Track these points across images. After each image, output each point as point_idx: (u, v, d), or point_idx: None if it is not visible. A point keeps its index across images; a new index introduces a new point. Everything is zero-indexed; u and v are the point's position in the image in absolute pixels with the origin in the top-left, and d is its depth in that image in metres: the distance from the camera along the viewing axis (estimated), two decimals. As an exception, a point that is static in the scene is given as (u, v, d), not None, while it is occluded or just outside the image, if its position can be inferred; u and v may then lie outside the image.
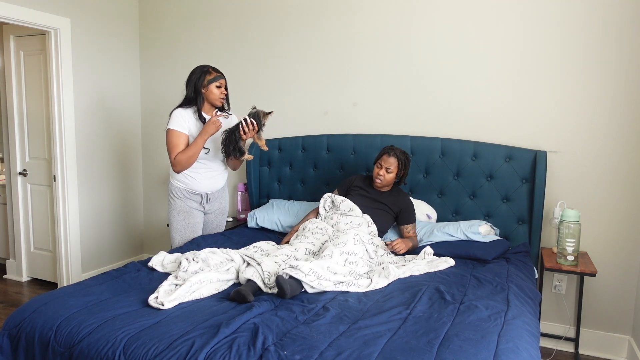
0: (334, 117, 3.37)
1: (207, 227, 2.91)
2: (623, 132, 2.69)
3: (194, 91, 2.60)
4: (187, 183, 2.69)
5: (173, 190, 2.72)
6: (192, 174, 2.68)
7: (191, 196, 2.72)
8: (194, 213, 2.75)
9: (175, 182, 2.72)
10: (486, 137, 2.96)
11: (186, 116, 2.60)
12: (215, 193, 2.83)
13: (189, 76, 2.64)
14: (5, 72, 3.78)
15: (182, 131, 2.57)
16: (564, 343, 2.87)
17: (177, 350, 1.48)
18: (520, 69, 2.86)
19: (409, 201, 2.78)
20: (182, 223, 2.73)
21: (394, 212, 2.75)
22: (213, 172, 2.75)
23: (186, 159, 2.55)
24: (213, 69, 2.64)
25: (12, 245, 3.99)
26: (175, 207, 2.72)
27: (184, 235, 2.75)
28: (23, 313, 1.76)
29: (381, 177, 2.71)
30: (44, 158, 3.71)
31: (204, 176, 2.71)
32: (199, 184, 2.70)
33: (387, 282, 2.12)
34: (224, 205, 2.94)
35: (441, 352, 1.47)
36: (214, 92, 2.62)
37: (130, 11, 3.94)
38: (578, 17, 2.71)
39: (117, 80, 3.86)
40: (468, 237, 2.66)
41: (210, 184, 2.75)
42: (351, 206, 2.70)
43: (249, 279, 2.01)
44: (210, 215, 2.87)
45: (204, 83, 2.60)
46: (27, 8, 3.14)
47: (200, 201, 2.76)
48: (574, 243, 2.50)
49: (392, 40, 3.15)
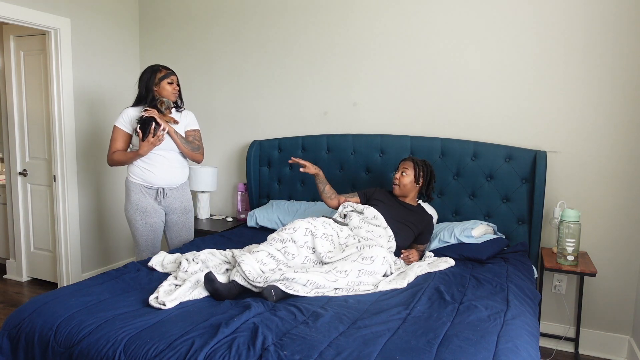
0: (334, 117, 3.37)
1: (173, 228, 2.85)
2: (623, 132, 2.69)
3: (145, 89, 2.68)
4: (142, 176, 2.68)
5: (129, 186, 2.71)
6: (148, 166, 2.67)
7: (147, 191, 2.70)
8: (152, 212, 2.72)
9: (131, 177, 2.71)
10: (486, 137, 2.96)
11: (132, 115, 2.69)
12: (174, 190, 2.78)
13: (140, 76, 2.72)
14: (5, 72, 3.79)
15: (123, 129, 2.69)
16: (564, 343, 2.87)
17: (177, 350, 1.48)
18: (520, 69, 2.86)
19: (431, 222, 2.66)
20: (140, 223, 2.71)
21: (416, 233, 2.61)
22: (170, 165, 2.72)
23: (119, 161, 2.68)
24: (163, 67, 2.71)
25: (12, 245, 3.99)
26: (132, 204, 2.70)
27: (147, 238, 2.73)
28: (23, 313, 1.76)
29: (397, 180, 2.64)
30: (44, 158, 3.71)
31: (160, 168, 2.68)
32: (155, 176, 2.68)
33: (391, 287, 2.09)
34: (186, 204, 2.86)
35: (441, 352, 1.47)
36: (167, 88, 2.69)
37: (130, 11, 3.95)
38: (578, 17, 2.71)
39: (117, 80, 3.86)
40: (461, 242, 2.64)
41: (167, 177, 2.72)
42: (375, 214, 2.53)
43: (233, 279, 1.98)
44: (173, 215, 2.82)
45: (155, 81, 2.67)
46: (27, 8, 3.14)
47: (156, 196, 2.73)
48: (574, 243, 2.50)
49: (393, 41, 3.15)
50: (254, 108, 3.63)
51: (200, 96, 3.81)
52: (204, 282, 1.93)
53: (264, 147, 3.49)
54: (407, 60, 3.12)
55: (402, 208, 2.65)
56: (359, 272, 2.06)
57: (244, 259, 2.02)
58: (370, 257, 2.11)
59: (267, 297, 1.85)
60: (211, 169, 3.60)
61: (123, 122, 2.69)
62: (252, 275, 1.96)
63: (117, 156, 2.67)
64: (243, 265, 1.98)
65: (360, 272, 2.06)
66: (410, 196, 2.69)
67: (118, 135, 2.69)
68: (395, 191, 2.68)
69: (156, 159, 2.68)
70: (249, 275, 1.95)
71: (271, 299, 1.85)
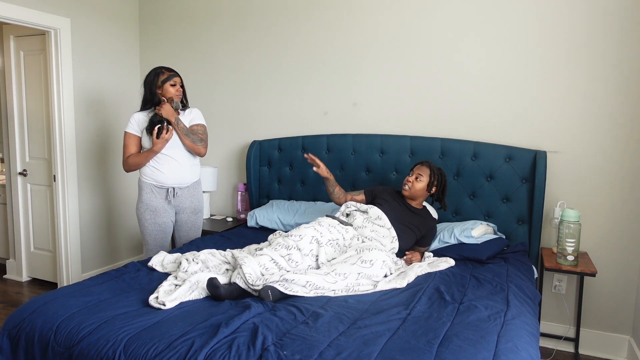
0: (334, 117, 3.37)
1: (182, 227, 2.86)
2: (623, 132, 2.69)
3: (150, 93, 2.70)
4: (153, 176, 2.71)
5: (141, 186, 2.75)
6: (158, 166, 2.70)
7: (157, 191, 2.73)
8: (161, 212, 2.74)
9: (142, 177, 2.75)
10: (486, 137, 2.96)
11: (139, 119, 2.73)
12: (185, 189, 2.80)
13: (144, 79, 2.74)
14: (5, 72, 3.79)
15: (134, 133, 2.73)
16: (564, 343, 2.87)
17: (176, 350, 1.48)
18: (520, 69, 2.86)
19: (434, 227, 2.66)
20: (150, 222, 2.73)
21: (418, 236, 2.61)
22: (179, 164, 2.73)
23: (134, 163, 2.71)
24: (166, 69, 2.72)
25: (12, 245, 3.99)
26: (143, 203, 2.73)
27: (156, 237, 2.75)
28: (23, 313, 1.76)
29: (409, 183, 2.61)
30: (44, 158, 3.71)
31: (169, 168, 2.70)
32: (165, 175, 2.71)
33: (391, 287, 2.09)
34: (196, 204, 2.87)
35: (441, 352, 1.47)
36: (170, 90, 2.70)
37: (130, 11, 3.95)
38: (578, 17, 2.71)
39: (117, 80, 3.86)
40: (461, 242, 2.64)
41: (176, 176, 2.73)
42: (379, 214, 2.53)
43: (234, 281, 1.97)
44: (183, 215, 2.83)
45: (158, 84, 2.69)
46: (27, 8, 3.14)
47: (167, 196, 2.74)
48: (574, 243, 2.50)
49: (393, 41, 3.15)
50: (254, 108, 3.63)
51: (200, 96, 3.81)
52: (207, 286, 1.91)
53: (264, 147, 3.49)
54: (407, 60, 3.12)
55: (407, 210, 2.64)
56: (358, 274, 2.05)
57: (246, 261, 2.00)
58: (369, 261, 2.10)
59: (264, 297, 1.84)
60: (211, 169, 3.60)
61: (133, 127, 2.73)
62: (251, 279, 1.95)
63: (132, 159, 2.71)
64: (245, 268, 1.96)
65: (359, 275, 2.05)
66: (418, 200, 2.68)
67: (130, 141, 2.73)
68: (404, 192, 2.66)
69: (165, 159, 2.70)
70: (249, 278, 1.95)
71: (268, 299, 1.84)
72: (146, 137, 2.69)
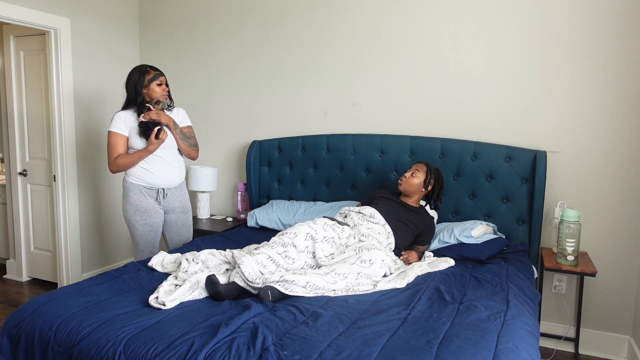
0: (334, 117, 3.37)
1: (173, 227, 2.85)
2: (623, 132, 2.69)
3: (135, 92, 2.65)
4: (142, 177, 2.67)
5: (127, 187, 2.70)
6: (148, 167, 2.67)
7: (147, 192, 2.70)
8: (152, 212, 2.72)
9: (130, 178, 2.69)
10: (486, 137, 2.96)
11: (125, 118, 2.66)
12: (173, 189, 2.79)
13: (128, 78, 2.68)
14: (5, 72, 3.79)
15: (121, 133, 2.64)
16: (564, 343, 2.87)
17: (176, 350, 1.48)
18: (520, 69, 2.86)
19: (431, 224, 2.66)
20: (141, 223, 2.70)
21: (415, 233, 2.61)
22: (169, 165, 2.72)
23: (124, 164, 2.64)
24: (151, 68, 2.68)
25: (12, 245, 3.99)
26: (131, 205, 2.68)
27: (147, 238, 2.73)
28: (23, 313, 1.76)
29: (405, 178, 2.64)
30: (44, 158, 3.71)
31: (159, 169, 2.68)
32: (155, 176, 2.68)
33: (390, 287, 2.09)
34: (184, 204, 2.87)
35: (440, 352, 1.47)
36: (156, 90, 2.67)
37: (130, 11, 3.95)
38: (579, 17, 2.71)
39: (117, 80, 3.86)
40: (461, 242, 2.64)
41: (166, 177, 2.72)
42: (372, 212, 2.55)
43: (233, 280, 1.98)
44: (172, 215, 2.83)
45: (144, 83, 2.65)
46: (27, 8, 3.14)
47: (157, 196, 2.73)
48: (574, 243, 2.50)
49: (393, 40, 3.15)
50: (254, 108, 3.63)
51: (200, 96, 3.81)
52: (205, 284, 1.92)
53: (264, 147, 3.49)
54: (407, 60, 3.12)
55: (402, 207, 2.66)
56: (358, 274, 2.06)
57: (244, 260, 2.02)
58: (369, 260, 2.11)
59: (264, 297, 1.85)
60: (211, 169, 3.60)
61: (119, 127, 2.64)
62: (250, 277, 1.96)
63: (122, 160, 2.63)
64: (242, 267, 1.98)
65: (359, 275, 2.06)
66: (414, 198, 2.70)
67: (117, 141, 2.64)
68: (399, 187, 2.69)
69: (156, 160, 2.68)
70: (248, 276, 1.95)
71: (267, 299, 1.85)
72: (137, 138, 2.62)
